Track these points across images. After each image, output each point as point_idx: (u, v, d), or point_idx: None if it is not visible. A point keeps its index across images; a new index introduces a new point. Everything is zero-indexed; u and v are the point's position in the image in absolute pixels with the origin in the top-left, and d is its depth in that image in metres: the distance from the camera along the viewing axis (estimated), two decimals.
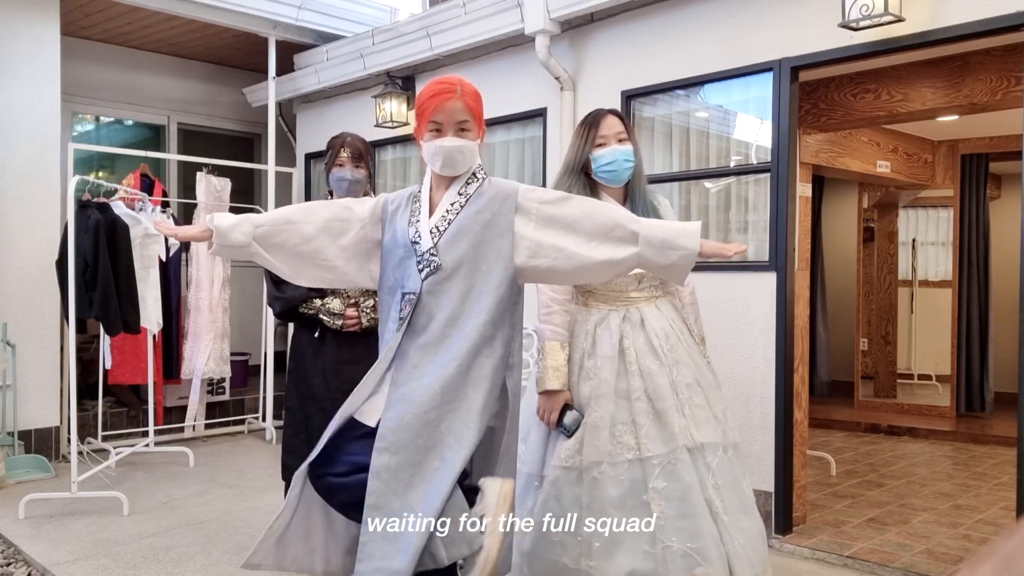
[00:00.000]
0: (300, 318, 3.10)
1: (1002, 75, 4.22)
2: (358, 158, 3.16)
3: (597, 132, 2.53)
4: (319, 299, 3.04)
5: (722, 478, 2.40)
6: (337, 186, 3.17)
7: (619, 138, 2.53)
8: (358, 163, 3.16)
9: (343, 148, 3.15)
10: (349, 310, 3.05)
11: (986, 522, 4.12)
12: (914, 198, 7.09)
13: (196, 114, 7.07)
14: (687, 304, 2.70)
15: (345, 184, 3.14)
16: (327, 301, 3.05)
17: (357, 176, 3.16)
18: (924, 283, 7.13)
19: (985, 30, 3.22)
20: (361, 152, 3.18)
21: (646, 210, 2.52)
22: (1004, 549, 0.59)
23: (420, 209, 2.11)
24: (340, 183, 3.15)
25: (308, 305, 3.05)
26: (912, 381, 7.11)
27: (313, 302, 3.04)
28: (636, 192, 2.57)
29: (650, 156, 4.46)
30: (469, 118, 2.07)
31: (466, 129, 2.07)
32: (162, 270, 5.31)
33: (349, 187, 3.14)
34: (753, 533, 2.44)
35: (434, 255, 2.03)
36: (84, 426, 5.44)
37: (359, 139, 3.22)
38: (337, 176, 3.15)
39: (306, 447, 2.72)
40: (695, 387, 2.47)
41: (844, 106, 4.62)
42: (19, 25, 5.18)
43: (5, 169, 5.12)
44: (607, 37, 4.54)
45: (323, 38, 6.20)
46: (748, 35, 3.92)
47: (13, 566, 3.53)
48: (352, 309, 3.06)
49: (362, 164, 3.17)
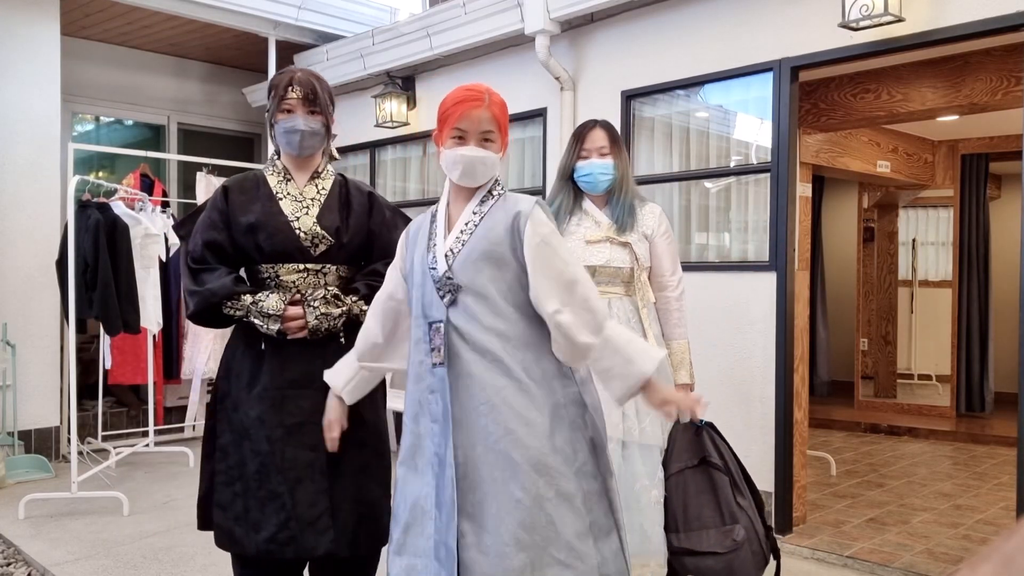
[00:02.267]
0: (226, 322, 2.27)
1: (1002, 75, 4.22)
2: (311, 101, 2.30)
3: (582, 145, 2.80)
4: (249, 295, 2.22)
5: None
6: (285, 142, 2.32)
7: (600, 152, 2.77)
8: (312, 108, 2.31)
9: (290, 87, 2.29)
10: (291, 308, 2.21)
11: (986, 522, 4.12)
12: (914, 198, 7.10)
13: (196, 114, 7.07)
14: (672, 309, 2.78)
15: (296, 138, 2.29)
16: (260, 298, 2.21)
17: (312, 126, 2.30)
18: (924, 283, 7.13)
19: (985, 30, 3.22)
20: (315, 92, 2.31)
21: (623, 213, 2.74)
22: (1004, 549, 0.59)
23: (436, 231, 2.03)
24: (289, 137, 2.30)
25: (234, 304, 2.22)
26: (912, 381, 7.11)
27: (241, 299, 2.21)
28: (615, 197, 2.79)
29: (650, 156, 4.47)
30: (494, 129, 1.99)
31: (490, 140, 1.99)
32: (162, 270, 5.31)
33: (302, 142, 2.30)
34: (628, 527, 2.51)
35: (450, 278, 1.94)
36: (84, 426, 5.44)
37: (312, 75, 2.36)
38: (284, 127, 2.29)
39: (241, 502, 2.20)
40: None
41: (844, 106, 4.62)
42: (19, 25, 5.18)
43: (5, 169, 5.12)
44: (607, 37, 4.54)
45: (323, 38, 6.20)
46: (748, 35, 3.92)
47: (13, 566, 3.53)
48: (295, 307, 2.22)
49: (317, 110, 2.32)
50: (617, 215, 2.76)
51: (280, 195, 2.31)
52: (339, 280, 2.33)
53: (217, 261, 2.28)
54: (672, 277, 2.80)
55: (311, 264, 2.28)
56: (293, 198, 2.31)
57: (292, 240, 2.25)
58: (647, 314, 2.75)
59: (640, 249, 2.73)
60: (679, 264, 2.86)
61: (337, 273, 2.33)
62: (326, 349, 2.27)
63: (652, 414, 2.64)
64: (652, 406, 1.97)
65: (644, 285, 2.77)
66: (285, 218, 2.27)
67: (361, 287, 2.33)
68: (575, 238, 2.75)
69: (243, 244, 2.27)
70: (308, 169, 2.37)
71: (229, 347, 2.36)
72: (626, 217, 2.75)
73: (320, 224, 2.28)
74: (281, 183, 2.33)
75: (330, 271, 2.31)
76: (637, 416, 2.65)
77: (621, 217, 2.75)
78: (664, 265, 2.79)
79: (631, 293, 2.76)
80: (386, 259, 2.27)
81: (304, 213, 2.29)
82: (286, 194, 2.31)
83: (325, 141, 2.40)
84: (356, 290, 2.33)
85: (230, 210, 2.28)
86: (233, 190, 2.32)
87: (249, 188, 2.33)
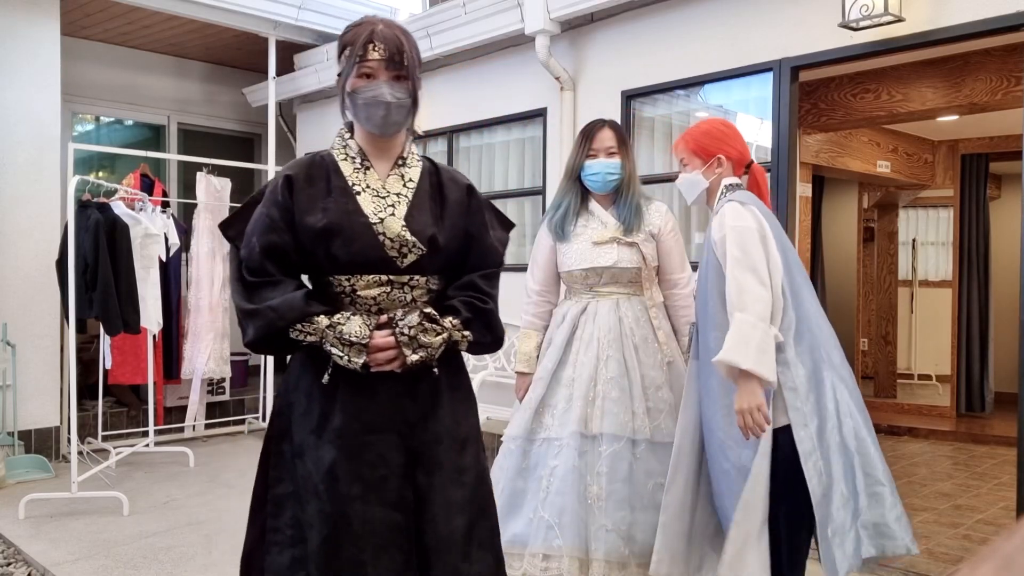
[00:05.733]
0: (290, 348, 1.76)
1: (1002, 75, 4.22)
2: (397, 63, 1.76)
3: (590, 144, 2.80)
4: (324, 315, 1.72)
5: (611, 467, 2.60)
6: (365, 116, 1.78)
7: (608, 152, 2.79)
8: (398, 72, 1.77)
9: (371, 46, 1.74)
10: (379, 335, 1.72)
11: (986, 522, 4.12)
12: (914, 198, 7.10)
13: (196, 114, 7.07)
14: (687, 305, 2.79)
15: (380, 112, 1.76)
16: (339, 320, 1.71)
17: (399, 96, 1.76)
18: (924, 283, 7.13)
19: (985, 30, 3.22)
20: (402, 51, 1.76)
21: (630, 213, 2.77)
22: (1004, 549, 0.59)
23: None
24: (370, 111, 1.76)
25: (304, 327, 1.71)
26: (912, 381, 7.11)
27: (315, 322, 1.71)
28: (621, 197, 2.81)
29: (650, 156, 4.47)
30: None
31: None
32: (162, 270, 5.31)
33: (387, 118, 1.77)
34: (645, 526, 2.57)
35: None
36: (84, 426, 5.44)
37: (397, 28, 1.80)
38: (364, 97, 1.76)
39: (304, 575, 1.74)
40: (618, 381, 2.67)
41: (844, 106, 4.62)
42: (19, 25, 5.18)
43: (5, 169, 5.12)
44: (607, 37, 4.54)
45: (323, 38, 6.20)
46: (748, 35, 3.92)
47: (13, 566, 3.53)
48: (384, 334, 1.73)
49: (404, 74, 1.77)
50: (624, 215, 2.77)
51: (357, 188, 1.79)
52: (429, 294, 1.82)
53: (279, 270, 1.76)
54: (682, 274, 2.82)
55: (396, 276, 1.77)
56: (374, 193, 1.80)
57: (374, 248, 1.74)
58: (656, 313, 2.78)
59: (647, 249, 2.76)
60: (688, 261, 2.88)
61: (427, 286, 1.82)
62: (416, 383, 1.79)
63: (666, 411, 2.68)
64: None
65: (652, 284, 2.80)
66: (365, 219, 1.75)
67: (462, 308, 1.82)
68: (582, 240, 2.78)
69: (311, 250, 1.75)
70: (391, 153, 1.86)
71: (290, 374, 1.85)
72: (633, 217, 2.76)
73: (409, 228, 1.77)
74: (358, 172, 1.81)
75: (418, 284, 1.80)
76: (648, 414, 2.66)
77: (628, 217, 2.76)
78: (673, 262, 2.82)
79: (639, 293, 2.79)
80: (483, 269, 1.87)
81: (389, 213, 1.77)
82: (365, 187, 1.80)
83: (411, 116, 1.84)
84: (455, 310, 1.82)
85: (295, 207, 1.76)
86: (298, 180, 1.78)
87: (317, 178, 1.80)
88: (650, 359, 2.72)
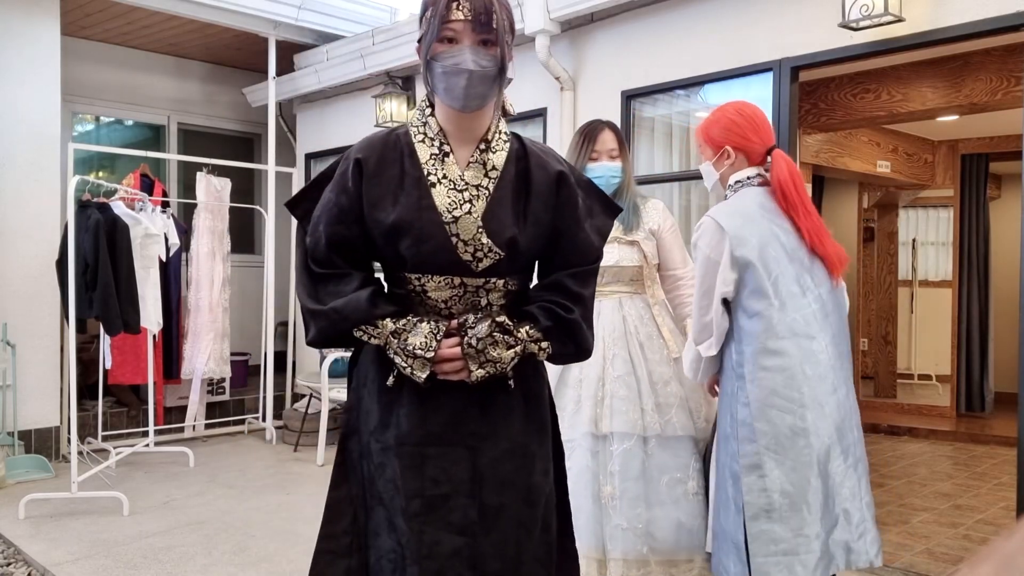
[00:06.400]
0: (355, 343, 1.66)
1: (1002, 75, 4.22)
2: (484, 25, 1.54)
3: (592, 146, 2.77)
4: (390, 319, 1.59)
5: (623, 466, 2.58)
6: (444, 88, 1.58)
7: (611, 155, 2.77)
8: (485, 35, 1.55)
9: (455, 4, 1.53)
10: (447, 345, 1.58)
11: (986, 522, 4.12)
12: (914, 198, 7.10)
13: (196, 114, 7.07)
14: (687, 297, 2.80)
15: (462, 83, 1.55)
16: (404, 327, 1.58)
17: (484, 64, 1.55)
18: (924, 283, 7.13)
19: (985, 30, 3.22)
20: (490, 12, 1.54)
21: (628, 212, 2.77)
22: (1004, 549, 0.59)
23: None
24: (450, 81, 1.56)
25: (369, 330, 1.60)
26: (912, 381, 7.11)
27: (380, 325, 1.59)
28: (620, 197, 2.79)
29: (650, 156, 4.47)
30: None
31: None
32: (162, 270, 5.31)
33: (469, 89, 1.56)
34: (664, 523, 2.56)
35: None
36: (84, 426, 5.44)
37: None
38: (444, 66, 1.55)
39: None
40: (624, 379, 2.66)
41: (844, 106, 4.62)
42: (19, 25, 5.18)
43: (5, 169, 5.12)
44: (607, 37, 4.54)
45: (323, 38, 6.20)
46: (748, 35, 3.92)
47: (13, 566, 3.53)
48: (452, 344, 1.58)
49: (492, 39, 1.55)
50: (623, 215, 2.76)
51: (433, 178, 1.60)
52: (507, 296, 1.65)
53: (347, 263, 1.64)
54: (685, 269, 2.83)
55: (470, 279, 1.61)
56: (450, 185, 1.60)
57: (447, 250, 1.58)
58: (659, 311, 2.80)
59: (648, 247, 2.77)
60: (688, 256, 2.88)
61: (505, 287, 1.64)
62: (487, 393, 1.62)
63: (677, 405, 2.68)
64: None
65: (653, 282, 2.81)
66: (438, 217, 1.57)
67: (541, 316, 1.64)
68: None
69: (380, 245, 1.62)
70: (475, 133, 1.64)
71: (359, 368, 1.71)
72: (631, 216, 2.77)
73: (487, 228, 1.58)
74: (436, 160, 1.62)
75: (495, 287, 1.63)
76: (657, 410, 2.66)
77: (627, 217, 2.76)
78: (675, 258, 2.82)
79: (641, 291, 2.80)
80: (574, 266, 1.67)
81: (465, 212, 1.59)
82: (441, 177, 1.61)
83: (499, 89, 1.61)
84: (533, 317, 1.64)
85: (364, 196, 1.60)
86: (369, 164, 1.61)
87: (390, 162, 1.61)
88: (656, 355, 2.72)
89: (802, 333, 2.13)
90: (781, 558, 2.07)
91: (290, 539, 3.75)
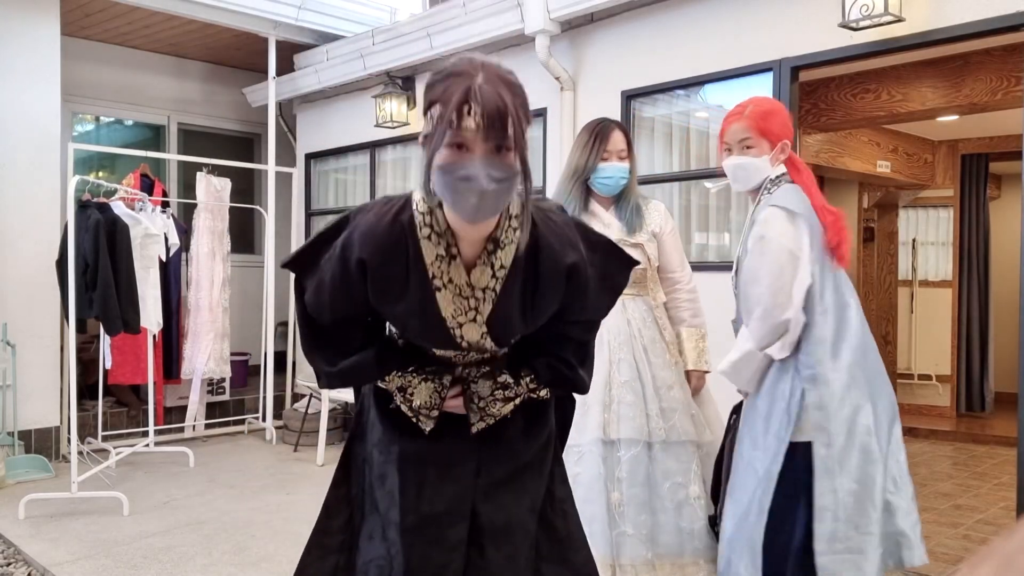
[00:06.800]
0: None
1: (1002, 75, 4.22)
2: (499, 132, 1.38)
3: (604, 146, 2.74)
4: (397, 376, 1.62)
5: (630, 472, 2.59)
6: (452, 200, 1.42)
7: (620, 155, 2.76)
8: (500, 142, 1.38)
9: (467, 107, 1.36)
10: (450, 400, 1.63)
11: (986, 522, 4.12)
12: (914, 198, 7.10)
13: (196, 114, 7.07)
14: (692, 300, 2.79)
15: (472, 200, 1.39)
16: (409, 384, 1.62)
17: (498, 175, 1.38)
18: (924, 283, 7.13)
19: (985, 30, 3.23)
20: (506, 117, 1.38)
21: (632, 214, 2.76)
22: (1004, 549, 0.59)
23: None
24: (458, 194, 1.40)
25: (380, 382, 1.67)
26: (912, 381, 7.10)
27: (389, 379, 1.63)
28: (623, 198, 2.80)
29: (650, 156, 4.47)
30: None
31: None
32: (162, 270, 5.31)
33: (480, 204, 1.40)
34: (667, 528, 2.58)
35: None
36: (84, 426, 5.44)
37: (502, 80, 1.43)
38: (452, 176, 1.38)
39: None
40: (631, 385, 2.66)
41: (844, 106, 4.62)
42: (19, 25, 5.18)
43: (5, 169, 5.12)
44: (607, 37, 4.54)
45: (323, 38, 6.20)
46: (748, 35, 3.92)
47: (13, 566, 3.53)
48: (455, 397, 1.63)
49: (509, 144, 1.39)
50: (626, 216, 2.77)
51: (439, 282, 1.53)
52: (509, 349, 1.69)
53: (351, 326, 1.65)
54: (683, 272, 2.83)
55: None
56: (456, 291, 1.54)
57: (449, 342, 1.59)
58: (660, 314, 2.79)
59: (651, 249, 2.77)
60: (686, 259, 2.89)
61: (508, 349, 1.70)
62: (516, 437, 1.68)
63: (680, 410, 2.68)
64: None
65: (656, 285, 2.80)
66: (443, 322, 1.56)
67: (543, 370, 1.65)
68: None
69: (386, 318, 1.66)
70: (484, 232, 1.51)
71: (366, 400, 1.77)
72: (634, 218, 2.76)
73: (491, 332, 1.57)
74: (441, 260, 1.52)
75: (497, 352, 1.67)
76: (662, 415, 2.66)
77: (630, 218, 2.76)
78: (674, 261, 2.82)
79: (644, 293, 2.79)
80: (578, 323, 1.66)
81: (470, 319, 1.56)
82: (447, 282, 1.53)
83: (514, 192, 1.46)
84: (535, 370, 1.66)
85: (369, 290, 1.56)
86: (373, 265, 1.52)
87: (395, 258, 1.52)
88: (659, 359, 2.72)
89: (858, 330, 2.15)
90: (847, 556, 2.06)
91: (290, 539, 3.75)
